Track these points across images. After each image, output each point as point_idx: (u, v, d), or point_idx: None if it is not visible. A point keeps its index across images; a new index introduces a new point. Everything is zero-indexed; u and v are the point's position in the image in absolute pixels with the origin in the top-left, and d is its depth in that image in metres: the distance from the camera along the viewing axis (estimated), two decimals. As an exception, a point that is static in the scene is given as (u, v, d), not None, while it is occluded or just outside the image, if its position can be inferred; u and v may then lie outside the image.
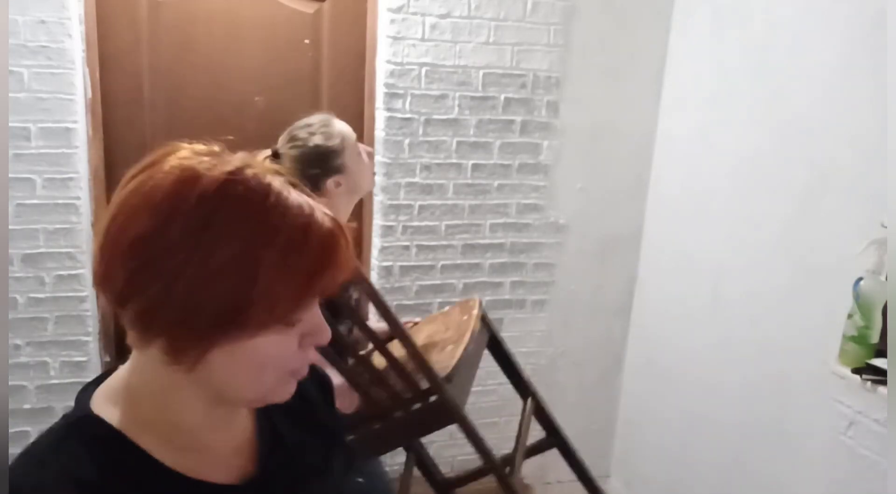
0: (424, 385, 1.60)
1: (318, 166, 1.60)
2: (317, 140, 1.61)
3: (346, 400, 1.65)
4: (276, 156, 1.60)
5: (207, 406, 0.67)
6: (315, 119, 1.65)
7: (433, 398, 1.63)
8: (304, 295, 0.63)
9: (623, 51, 2.47)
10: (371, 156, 1.75)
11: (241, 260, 0.59)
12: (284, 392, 0.68)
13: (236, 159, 0.64)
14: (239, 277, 0.59)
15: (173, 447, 0.66)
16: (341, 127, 1.66)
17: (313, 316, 0.66)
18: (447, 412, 1.64)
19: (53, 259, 2.11)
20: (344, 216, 1.65)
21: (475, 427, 1.67)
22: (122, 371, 0.69)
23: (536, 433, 1.95)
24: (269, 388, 0.66)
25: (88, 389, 0.69)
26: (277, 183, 0.63)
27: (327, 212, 0.65)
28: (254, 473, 0.72)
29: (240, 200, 0.60)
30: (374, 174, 1.79)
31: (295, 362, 0.66)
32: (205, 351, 0.61)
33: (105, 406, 0.66)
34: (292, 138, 1.62)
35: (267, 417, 0.77)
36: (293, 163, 1.59)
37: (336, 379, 1.60)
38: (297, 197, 0.63)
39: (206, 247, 0.58)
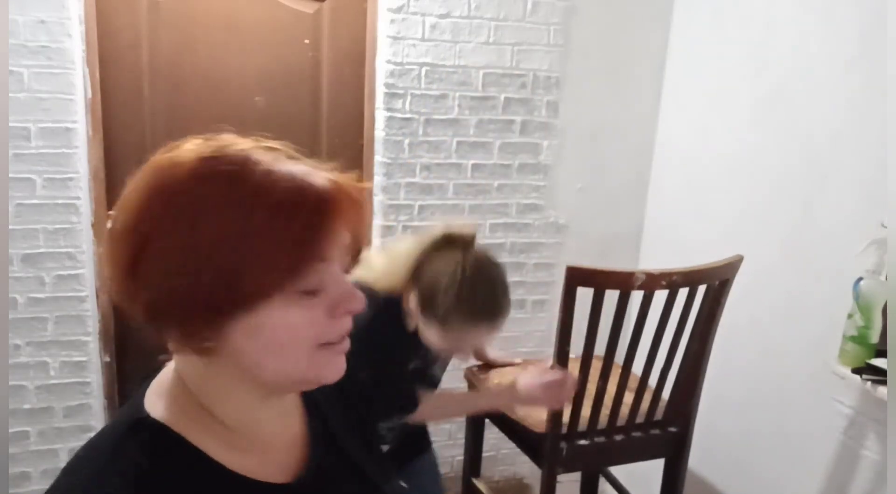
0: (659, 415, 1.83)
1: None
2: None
3: (553, 394, 1.60)
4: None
5: (253, 398, 0.66)
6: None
7: (673, 428, 1.86)
8: (300, 259, 0.60)
9: (623, 51, 2.47)
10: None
11: (227, 234, 0.58)
12: (331, 369, 0.66)
13: (222, 140, 0.64)
14: (227, 250, 0.58)
15: (223, 442, 0.65)
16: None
17: (338, 284, 0.64)
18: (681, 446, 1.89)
19: (53, 259, 2.11)
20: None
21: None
22: (170, 366, 0.68)
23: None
24: (306, 365, 0.64)
25: (143, 386, 0.68)
26: (263, 155, 0.62)
27: (330, 175, 0.63)
28: (304, 472, 0.70)
29: (218, 177, 0.60)
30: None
31: (327, 333, 0.64)
32: (219, 332, 0.60)
33: (157, 403, 0.66)
34: None
35: (318, 408, 0.76)
36: None
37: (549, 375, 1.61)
38: (288, 166, 0.62)
39: (194, 227, 0.58)
